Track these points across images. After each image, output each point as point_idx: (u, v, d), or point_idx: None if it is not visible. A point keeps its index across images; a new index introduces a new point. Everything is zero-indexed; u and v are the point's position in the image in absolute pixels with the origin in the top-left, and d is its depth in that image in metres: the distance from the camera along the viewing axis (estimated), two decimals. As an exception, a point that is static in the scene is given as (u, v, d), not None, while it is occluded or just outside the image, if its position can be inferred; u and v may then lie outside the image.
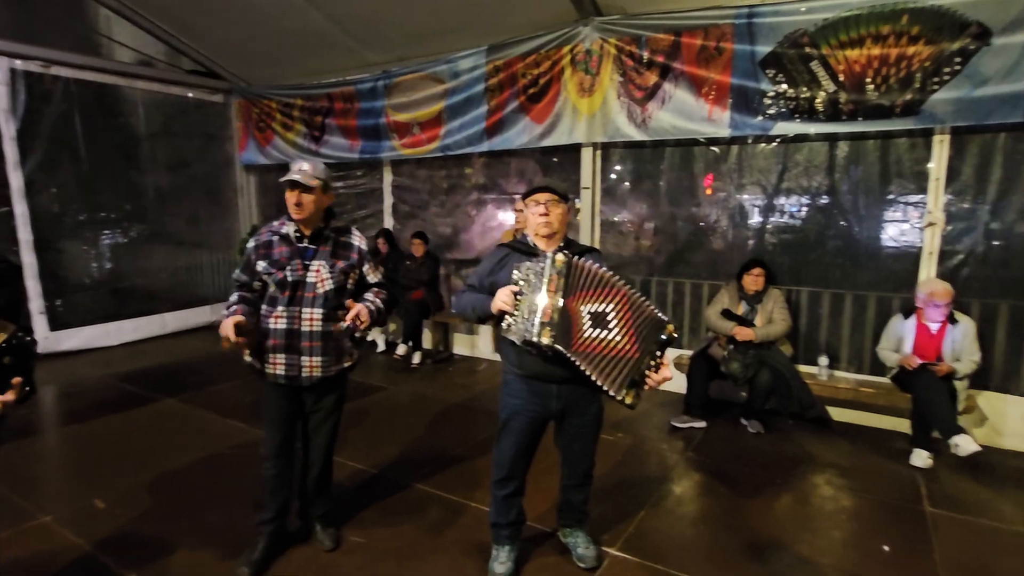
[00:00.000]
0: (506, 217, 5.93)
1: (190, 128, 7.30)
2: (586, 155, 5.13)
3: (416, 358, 5.78)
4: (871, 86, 3.87)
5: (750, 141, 4.54)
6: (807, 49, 4.02)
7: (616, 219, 5.33)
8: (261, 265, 2.39)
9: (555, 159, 5.57)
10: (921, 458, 3.52)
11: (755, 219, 4.68)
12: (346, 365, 2.53)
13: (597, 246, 5.25)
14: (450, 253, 6.36)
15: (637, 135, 4.74)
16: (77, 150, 6.15)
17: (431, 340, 6.19)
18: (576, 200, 5.16)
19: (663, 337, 2.11)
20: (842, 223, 4.34)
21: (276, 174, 7.53)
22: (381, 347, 6.27)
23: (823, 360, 4.18)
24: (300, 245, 2.40)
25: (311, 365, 2.39)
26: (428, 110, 5.83)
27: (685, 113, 4.50)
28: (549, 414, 2.34)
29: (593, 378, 2.00)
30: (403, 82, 5.98)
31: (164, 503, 3.08)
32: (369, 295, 2.48)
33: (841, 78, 3.95)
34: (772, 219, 4.61)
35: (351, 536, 2.75)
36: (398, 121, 6.05)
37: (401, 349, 5.85)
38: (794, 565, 2.59)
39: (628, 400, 2.06)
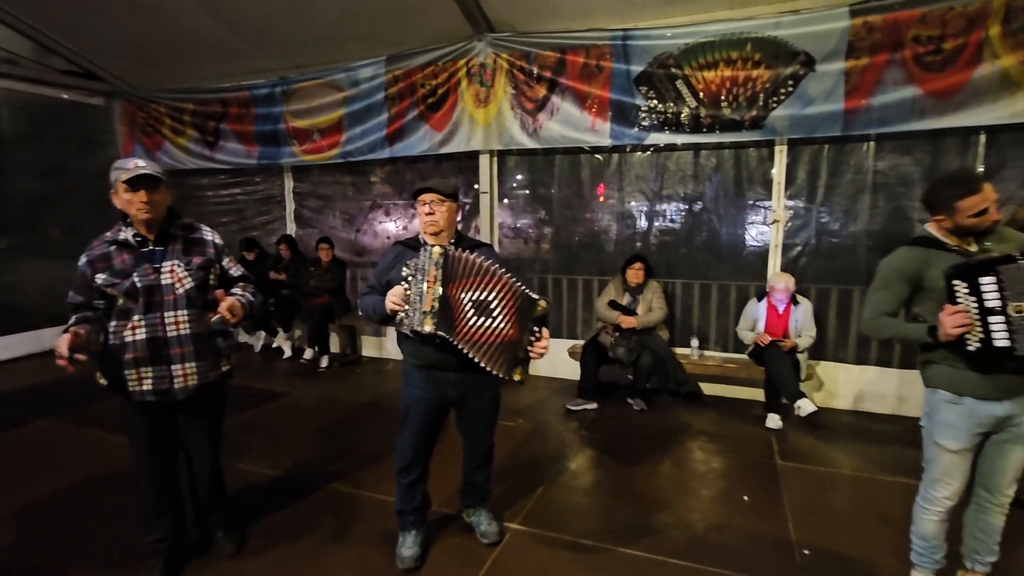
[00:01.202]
0: (414, 223, 5.88)
1: (65, 132, 6.54)
2: (484, 161, 5.22)
3: (323, 362, 5.57)
4: (725, 103, 4.27)
5: (628, 150, 4.84)
6: (673, 69, 4.36)
7: (514, 221, 5.45)
8: (101, 278, 2.06)
9: (457, 165, 5.60)
10: (774, 421, 3.94)
11: (637, 220, 4.98)
12: (224, 370, 2.30)
13: (496, 246, 5.36)
14: (358, 257, 6.19)
15: (530, 143, 4.89)
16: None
17: (338, 344, 5.99)
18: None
19: (538, 314, 2.18)
20: (707, 223, 4.73)
21: (167, 180, 6.95)
22: (287, 353, 5.97)
23: (694, 342, 4.55)
24: (145, 249, 2.12)
25: (185, 373, 2.14)
26: (328, 117, 5.64)
27: (571, 124, 4.71)
28: (447, 401, 2.36)
29: (481, 364, 2.05)
30: (302, 89, 5.75)
31: (46, 528, 2.75)
32: (237, 290, 2.31)
33: (701, 95, 4.32)
34: (651, 220, 4.93)
35: (255, 541, 2.61)
36: (297, 127, 5.81)
37: (307, 354, 5.62)
38: (672, 522, 2.79)
39: (517, 377, 2.13)
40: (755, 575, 2.35)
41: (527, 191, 5.35)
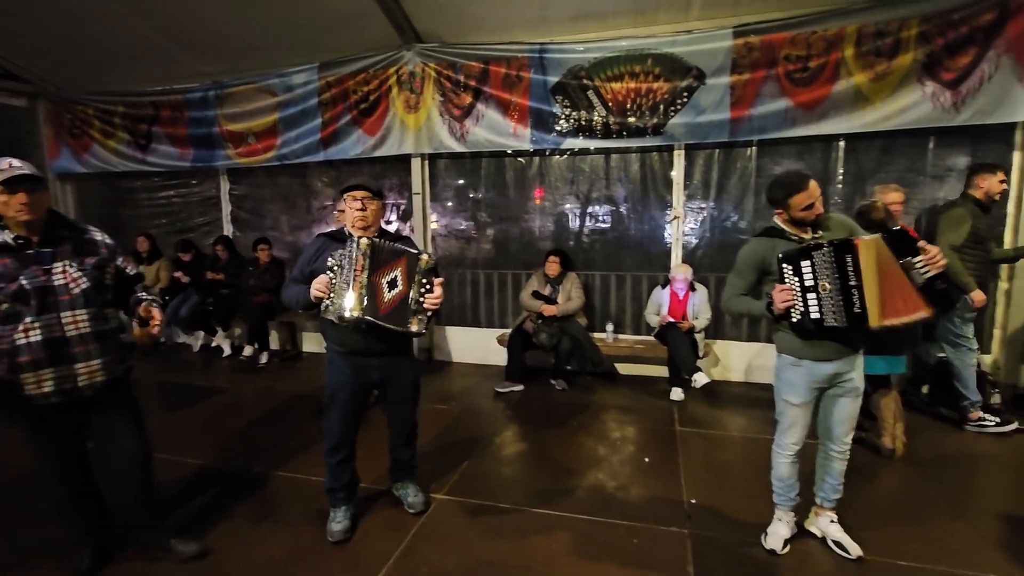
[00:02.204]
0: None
1: (-15, 133, 6.08)
2: (415, 164, 5.28)
3: (263, 358, 5.46)
4: (630, 112, 4.52)
5: (548, 153, 5.03)
6: (584, 81, 4.58)
7: (446, 221, 5.54)
8: None
9: (392, 167, 5.62)
10: (676, 393, 4.24)
11: (557, 218, 5.17)
12: (130, 365, 2.21)
13: (429, 244, 5.44)
14: (297, 258, 6.08)
15: (458, 147, 5.00)
16: None
17: (278, 340, 5.89)
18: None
19: (425, 267, 2.23)
20: (619, 220, 5.00)
21: (98, 183, 6.59)
22: (227, 351, 5.82)
23: (609, 327, 4.80)
24: (30, 251, 1.96)
25: (90, 370, 2.01)
26: (263, 121, 5.53)
27: (496, 129, 4.85)
28: (370, 385, 2.44)
29: (389, 327, 2.13)
30: (236, 93, 5.60)
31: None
32: (145, 293, 2.22)
33: (610, 104, 4.56)
34: (570, 218, 5.14)
35: (191, 529, 2.60)
36: (232, 130, 5.65)
37: (247, 351, 5.50)
38: (583, 484, 2.98)
39: (414, 328, 2.19)
40: (649, 524, 2.57)
41: (457, 192, 5.45)
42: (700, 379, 3.95)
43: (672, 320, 4.28)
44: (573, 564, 2.27)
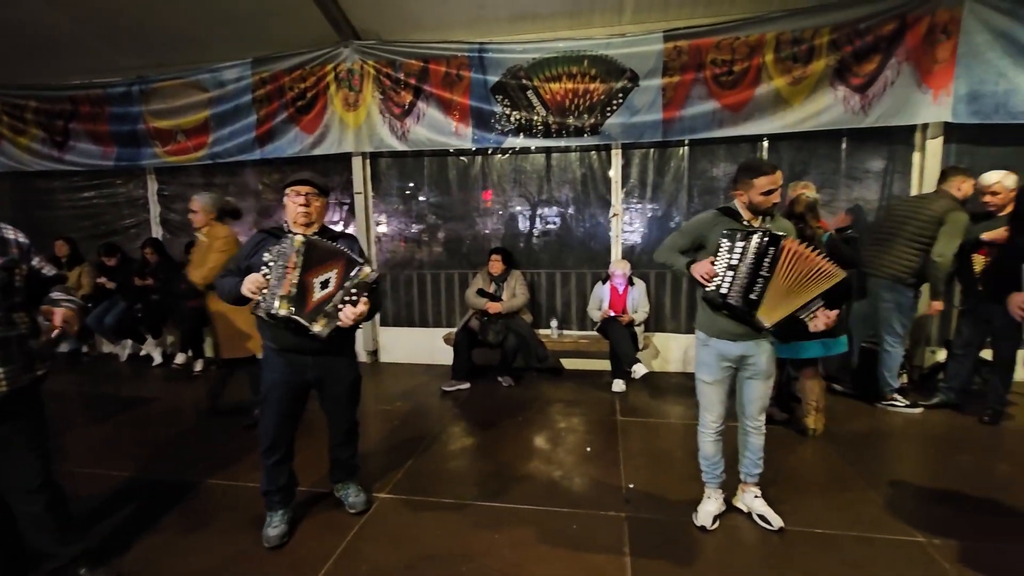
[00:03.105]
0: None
1: None
2: (356, 163, 5.19)
3: (198, 366, 5.22)
4: (569, 111, 4.63)
5: (490, 152, 5.07)
6: (524, 81, 4.65)
7: (390, 220, 5.47)
8: None
9: (335, 167, 5.50)
10: (619, 385, 4.36)
11: (502, 217, 5.22)
12: (39, 373, 1.99)
13: (373, 245, 5.36)
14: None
15: (399, 146, 4.96)
16: None
17: (212, 347, 5.63)
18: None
19: (361, 280, 2.15)
20: (562, 218, 5.10)
21: (10, 184, 6.11)
22: (157, 360, 5.52)
23: (554, 323, 4.89)
24: None
25: None
26: (193, 117, 5.29)
27: (437, 128, 4.85)
28: (307, 383, 2.39)
29: (302, 322, 2.08)
30: (162, 88, 5.33)
31: None
32: (59, 294, 2.04)
33: (549, 104, 4.65)
34: (514, 216, 5.20)
35: (117, 541, 2.46)
36: (159, 128, 5.38)
37: (180, 358, 5.25)
38: (526, 475, 3.02)
39: (317, 328, 2.10)
40: (589, 509, 2.64)
41: (401, 192, 5.40)
42: (639, 370, 4.08)
43: (613, 314, 4.40)
44: (514, 552, 2.30)
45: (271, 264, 2.11)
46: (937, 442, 3.35)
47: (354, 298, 2.15)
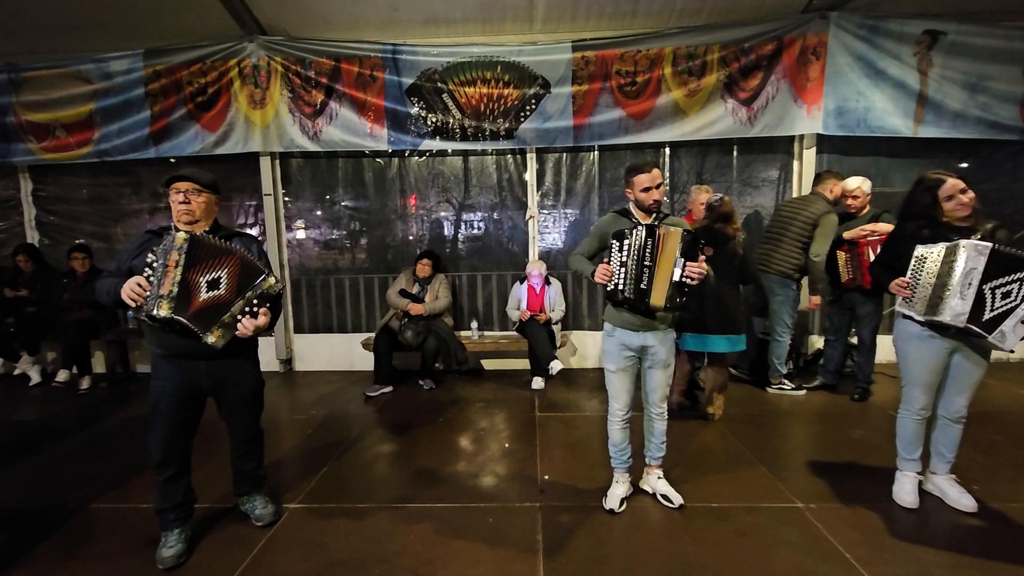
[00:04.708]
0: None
1: None
2: (265, 164, 4.96)
3: (84, 383, 4.75)
4: (485, 116, 4.71)
5: (407, 155, 5.04)
6: (439, 84, 4.66)
7: (305, 223, 5.28)
8: None
9: (245, 167, 5.21)
10: (537, 383, 4.47)
11: (421, 220, 5.19)
12: None
13: (284, 248, 5.14)
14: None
15: (311, 146, 4.80)
16: None
17: (104, 362, 5.15)
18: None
19: (264, 290, 2.11)
20: (480, 221, 5.16)
21: None
22: (36, 379, 4.95)
23: (474, 324, 4.93)
24: None
25: None
26: (74, 111, 4.83)
27: (351, 129, 4.74)
28: (201, 391, 2.26)
29: (191, 327, 1.99)
30: (36, 78, 4.82)
31: None
32: None
33: (465, 108, 4.70)
34: (434, 219, 5.19)
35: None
36: (33, 121, 4.86)
37: (62, 375, 4.75)
38: (443, 475, 3.01)
39: (212, 339, 2.03)
40: (505, 503, 2.69)
41: (314, 194, 5.22)
42: (555, 366, 4.21)
43: (531, 313, 4.51)
44: (428, 550, 2.29)
45: (154, 265, 1.99)
46: (816, 419, 3.73)
47: (255, 309, 2.08)
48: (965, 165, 4.82)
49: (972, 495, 2.51)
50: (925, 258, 2.35)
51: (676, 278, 2.25)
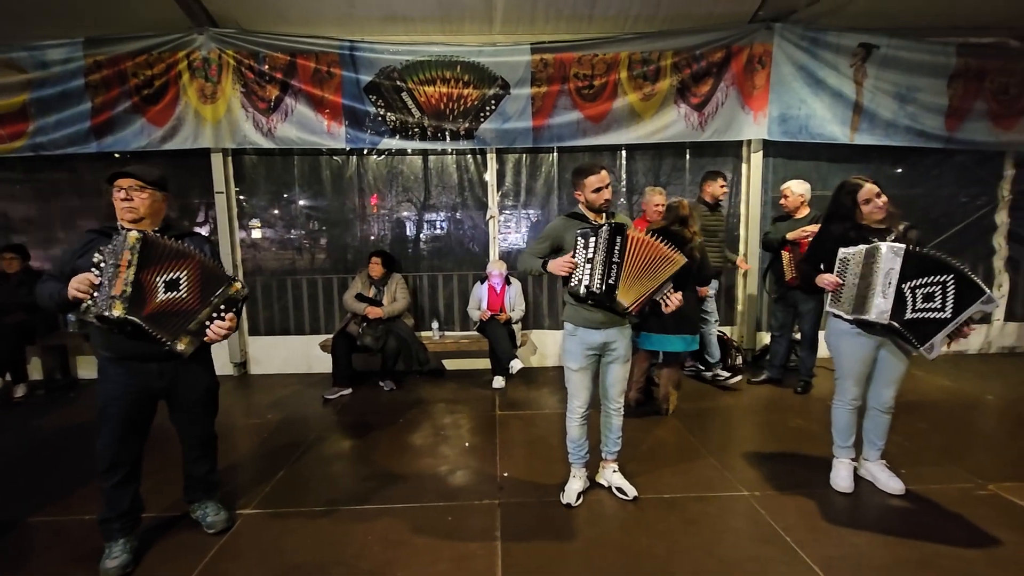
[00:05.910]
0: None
1: None
2: (216, 160, 4.80)
3: (19, 391, 4.48)
4: (445, 115, 4.70)
5: (365, 153, 4.97)
6: (398, 82, 4.62)
7: (259, 222, 5.13)
8: None
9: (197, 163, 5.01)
10: (498, 382, 4.50)
11: (379, 219, 5.13)
12: None
13: (237, 247, 5.00)
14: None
15: (265, 143, 4.67)
16: None
17: (42, 368, 4.87)
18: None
19: (230, 295, 2.09)
20: (441, 221, 5.15)
21: None
22: (-37, 387, 4.65)
23: (435, 324, 4.92)
24: None
25: None
26: (6, 101, 4.53)
27: (307, 126, 4.65)
28: (152, 394, 2.18)
29: (153, 333, 1.94)
30: (-39, 65, 4.51)
31: None
32: None
33: (424, 107, 4.68)
34: (392, 219, 5.14)
35: None
36: (-42, 112, 4.54)
37: (-7, 383, 4.47)
38: (403, 475, 3.00)
39: (181, 347, 2.01)
40: (464, 501, 2.71)
41: (270, 192, 5.08)
42: (515, 365, 4.25)
43: (492, 313, 4.54)
44: (387, 551, 2.29)
45: (102, 265, 1.91)
46: (762, 412, 3.92)
47: (222, 314, 2.05)
48: (899, 171, 5.14)
49: (900, 479, 2.69)
50: (848, 259, 2.52)
51: (656, 297, 2.36)
